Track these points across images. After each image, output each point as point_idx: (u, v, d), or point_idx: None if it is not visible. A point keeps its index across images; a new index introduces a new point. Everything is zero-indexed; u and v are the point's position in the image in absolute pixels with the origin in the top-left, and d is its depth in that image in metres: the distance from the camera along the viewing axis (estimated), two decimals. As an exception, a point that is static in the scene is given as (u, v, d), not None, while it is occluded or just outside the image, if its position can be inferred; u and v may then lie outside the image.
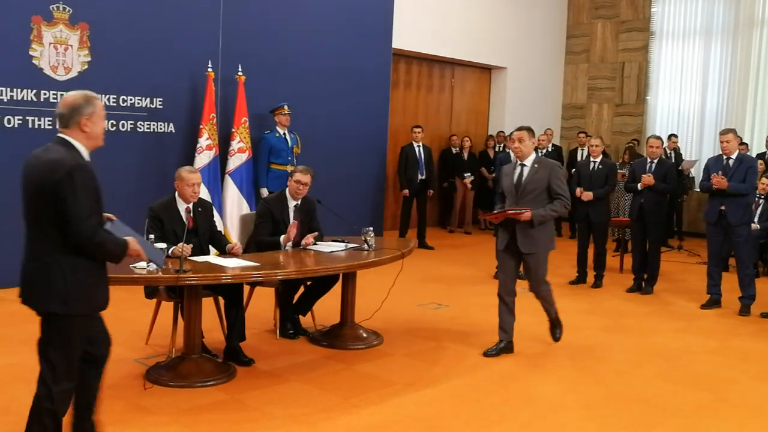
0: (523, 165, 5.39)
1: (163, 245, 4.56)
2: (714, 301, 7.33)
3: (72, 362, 3.28)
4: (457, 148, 12.19)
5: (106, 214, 3.38)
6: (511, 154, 8.27)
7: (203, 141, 7.88)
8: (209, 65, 7.95)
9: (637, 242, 7.99)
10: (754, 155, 9.88)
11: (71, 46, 7.19)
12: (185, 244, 4.74)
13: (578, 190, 7.96)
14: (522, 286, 8.03)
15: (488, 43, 12.87)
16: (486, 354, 5.42)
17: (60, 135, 3.26)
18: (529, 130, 5.43)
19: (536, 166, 5.37)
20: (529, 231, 5.32)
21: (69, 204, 3.09)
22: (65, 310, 3.19)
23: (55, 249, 3.16)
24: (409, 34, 11.01)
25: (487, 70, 13.62)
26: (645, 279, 7.97)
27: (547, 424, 4.23)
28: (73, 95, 3.30)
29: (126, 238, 3.36)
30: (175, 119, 8.02)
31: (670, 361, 5.55)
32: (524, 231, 5.33)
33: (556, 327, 5.90)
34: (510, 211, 5.28)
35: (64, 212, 3.09)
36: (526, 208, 5.23)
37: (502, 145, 12.44)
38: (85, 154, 3.29)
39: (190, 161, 7.75)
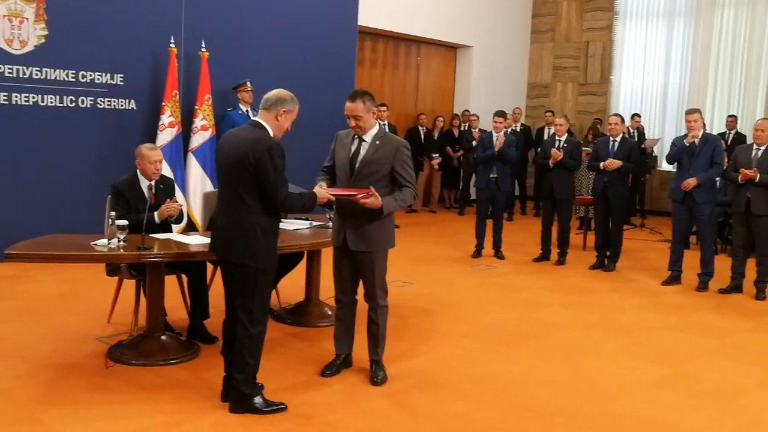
0: (361, 139, 4.28)
1: (125, 222, 4.49)
2: (674, 277, 7.46)
3: (264, 307, 3.91)
4: (425, 128, 12.19)
5: None
6: (494, 134, 8.38)
7: (165, 118, 7.75)
8: (172, 41, 7.80)
9: (600, 220, 8.09)
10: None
11: (27, 18, 7.00)
12: (169, 201, 5.03)
13: (553, 152, 8.03)
14: (486, 263, 8.11)
15: (454, 21, 12.83)
16: (323, 374, 4.47)
17: (256, 119, 3.89)
18: (364, 95, 4.20)
19: (377, 142, 4.25)
20: (361, 224, 4.24)
21: (269, 174, 3.69)
22: (256, 264, 3.78)
23: (251, 212, 3.76)
24: (374, 11, 10.93)
25: (452, 48, 13.59)
26: (608, 256, 8.08)
27: (512, 399, 4.28)
28: (286, 91, 3.93)
29: (314, 190, 4.05)
30: (136, 96, 7.86)
31: (632, 337, 5.64)
32: (357, 224, 4.26)
33: (377, 369, 4.47)
34: (359, 196, 4.11)
35: (264, 181, 3.70)
36: (373, 192, 4.12)
37: (467, 124, 12.48)
38: (272, 136, 3.85)
39: (152, 138, 7.61)
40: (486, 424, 3.92)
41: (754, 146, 6.99)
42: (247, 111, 8.24)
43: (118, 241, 4.42)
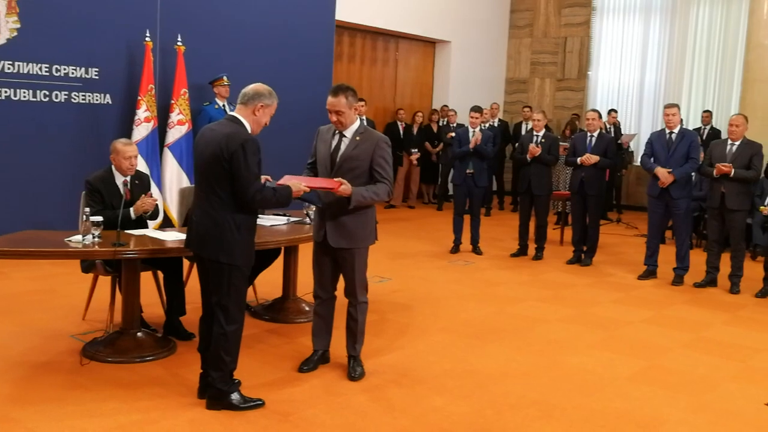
0: (342, 135, 4.27)
1: (100, 218, 4.44)
2: (650, 272, 7.53)
3: (239, 304, 3.84)
4: (403, 123, 12.18)
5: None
6: (470, 129, 8.40)
7: (141, 113, 7.67)
8: (147, 34, 7.72)
9: (577, 215, 8.14)
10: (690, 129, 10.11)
11: (-1, 11, 6.90)
12: (144, 197, 5.03)
13: (532, 147, 8.07)
14: (464, 258, 8.13)
15: (433, 16, 12.83)
16: (301, 370, 4.46)
17: (233, 113, 3.84)
18: (347, 90, 4.17)
19: (358, 138, 4.24)
20: (342, 220, 4.23)
21: (241, 169, 3.63)
22: (231, 261, 3.74)
23: (226, 208, 3.72)
24: (353, 6, 10.90)
25: (431, 43, 13.59)
26: (584, 251, 8.14)
27: (489, 394, 4.29)
28: (263, 85, 3.88)
29: (288, 183, 3.92)
30: (111, 90, 7.77)
31: (608, 331, 5.68)
32: (338, 221, 4.24)
33: (354, 364, 4.47)
34: (324, 185, 4.10)
35: (236, 176, 3.65)
36: (340, 180, 4.11)
37: (445, 119, 12.50)
38: (249, 131, 3.81)
39: (128, 133, 7.54)
40: (463, 419, 3.93)
41: (729, 141, 7.06)
42: (223, 105, 8.18)
43: (93, 237, 4.37)
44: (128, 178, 5.06)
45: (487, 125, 11.69)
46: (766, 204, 7.82)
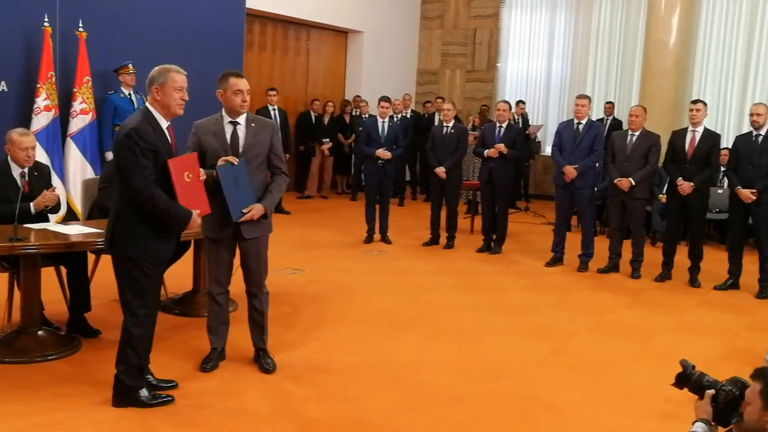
0: (235, 123, 4.21)
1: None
2: (557, 258, 7.76)
3: (142, 300, 3.70)
4: (316, 113, 12.11)
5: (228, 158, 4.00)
6: (378, 119, 8.40)
7: (41, 101, 7.33)
8: (45, 19, 7.38)
9: (487, 204, 8.30)
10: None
11: None
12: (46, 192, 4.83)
13: (438, 170, 8.15)
14: (377, 248, 8.17)
15: (344, 6, 12.78)
16: (203, 369, 4.32)
17: (145, 104, 3.71)
18: (237, 74, 4.25)
19: (253, 125, 4.22)
20: None
21: (126, 162, 3.52)
22: (125, 255, 3.64)
23: (126, 201, 3.60)
24: (263, -7, 10.74)
25: (343, 33, 13.55)
26: (494, 239, 8.31)
27: (403, 383, 4.33)
28: (157, 67, 3.69)
29: (194, 212, 3.72)
30: (7, 77, 7.37)
31: (517, 317, 5.83)
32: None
33: (265, 356, 4.42)
34: (246, 215, 4.10)
35: (121, 169, 3.56)
36: (251, 213, 4.12)
37: (358, 110, 12.50)
38: (162, 120, 3.67)
39: (26, 123, 7.19)
40: (377, 408, 3.96)
41: (629, 132, 7.34)
42: (129, 94, 7.92)
43: (-12, 232, 4.17)
44: (26, 170, 4.84)
45: (399, 116, 11.76)
46: (665, 192, 8.18)
